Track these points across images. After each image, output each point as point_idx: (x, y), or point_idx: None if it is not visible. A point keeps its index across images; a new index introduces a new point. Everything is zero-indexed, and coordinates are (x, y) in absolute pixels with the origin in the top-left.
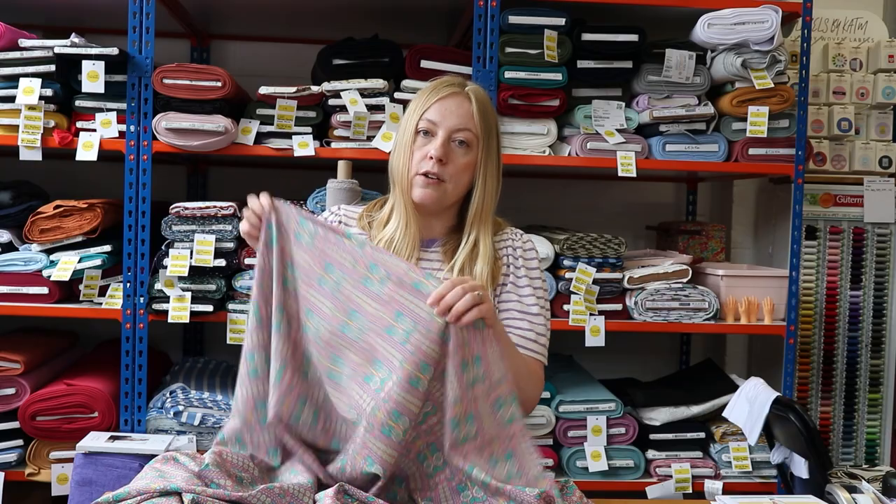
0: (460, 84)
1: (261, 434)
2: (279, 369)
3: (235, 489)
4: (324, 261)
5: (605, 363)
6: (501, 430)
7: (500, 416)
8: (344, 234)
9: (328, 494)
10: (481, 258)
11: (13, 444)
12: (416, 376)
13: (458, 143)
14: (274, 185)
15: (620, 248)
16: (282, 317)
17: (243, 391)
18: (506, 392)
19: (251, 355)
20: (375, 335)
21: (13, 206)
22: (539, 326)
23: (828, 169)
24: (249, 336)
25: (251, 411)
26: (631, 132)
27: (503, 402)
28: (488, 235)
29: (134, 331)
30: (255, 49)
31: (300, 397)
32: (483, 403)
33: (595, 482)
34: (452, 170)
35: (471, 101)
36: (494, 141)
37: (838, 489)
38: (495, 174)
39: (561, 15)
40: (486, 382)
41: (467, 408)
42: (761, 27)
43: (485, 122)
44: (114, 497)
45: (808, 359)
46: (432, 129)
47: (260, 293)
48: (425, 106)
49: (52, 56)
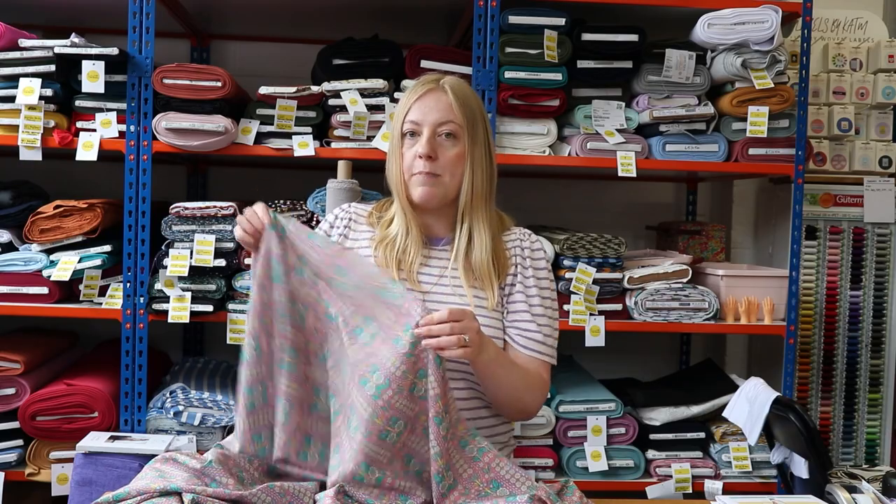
0: (435, 80)
1: (258, 462)
2: (287, 410)
3: (236, 487)
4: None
5: (605, 363)
6: (475, 466)
7: (468, 454)
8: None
9: (328, 495)
10: (478, 248)
11: (13, 444)
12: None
13: (445, 136)
14: (274, 184)
15: (620, 248)
16: (295, 356)
17: (241, 424)
18: (464, 430)
19: (249, 389)
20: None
21: (13, 206)
22: (546, 328)
23: (828, 169)
24: (248, 369)
25: (248, 443)
26: (631, 132)
27: (466, 441)
28: (484, 225)
29: (134, 331)
30: (255, 49)
31: (306, 436)
32: (453, 450)
33: (595, 482)
34: (444, 163)
35: (448, 94)
36: (480, 128)
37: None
38: (483, 162)
39: (561, 15)
40: (447, 422)
41: (447, 460)
42: (761, 27)
43: (466, 111)
44: (114, 497)
45: (808, 359)
46: (416, 129)
47: (261, 327)
48: (406, 108)
49: (52, 56)
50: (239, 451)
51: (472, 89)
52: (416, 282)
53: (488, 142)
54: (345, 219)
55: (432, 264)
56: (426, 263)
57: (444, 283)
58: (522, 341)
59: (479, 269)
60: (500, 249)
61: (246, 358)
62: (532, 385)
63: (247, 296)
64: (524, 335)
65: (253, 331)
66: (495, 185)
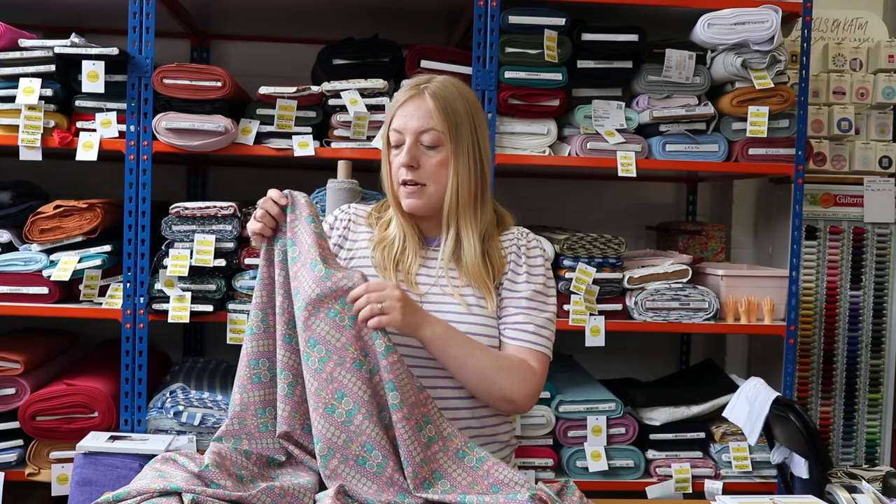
0: (417, 86)
1: (260, 440)
2: (290, 383)
3: (236, 488)
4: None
5: (605, 363)
6: (475, 475)
7: (467, 464)
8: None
9: (328, 495)
10: (468, 251)
11: (13, 444)
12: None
13: (426, 145)
14: (274, 185)
15: (620, 248)
16: (294, 329)
17: (244, 396)
18: (461, 443)
19: (255, 361)
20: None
21: (13, 206)
22: (537, 319)
23: (828, 169)
24: (253, 342)
25: (252, 417)
26: (631, 132)
27: (464, 453)
28: (473, 227)
29: (134, 331)
30: (255, 49)
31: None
32: (445, 460)
33: (595, 482)
34: (427, 171)
35: (428, 100)
36: (466, 131)
37: (838, 489)
38: (470, 165)
39: (561, 15)
40: (404, 409)
41: (432, 467)
42: (761, 27)
43: (448, 116)
44: (114, 497)
45: (808, 359)
46: (399, 138)
47: (268, 302)
48: (391, 116)
49: (52, 56)
50: (238, 424)
51: (459, 90)
52: (414, 283)
53: (477, 143)
54: (344, 220)
55: (430, 265)
56: (424, 265)
57: (442, 283)
58: (511, 333)
59: (472, 272)
60: (494, 250)
61: (252, 330)
62: (508, 369)
63: (247, 296)
64: (512, 327)
65: (260, 304)
66: (488, 185)
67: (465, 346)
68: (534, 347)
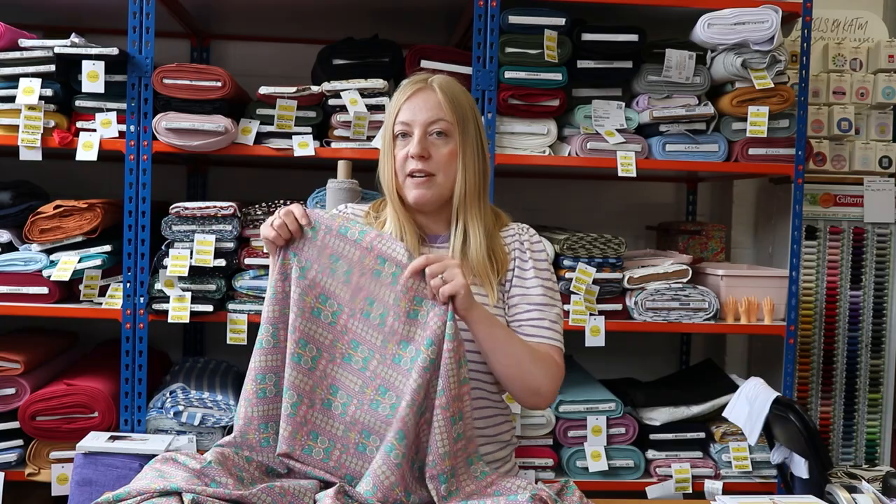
0: (423, 79)
1: (262, 454)
2: (294, 403)
3: (237, 487)
4: (364, 295)
5: (605, 363)
6: (478, 484)
7: (472, 473)
8: (377, 260)
9: (328, 494)
10: (474, 246)
11: (13, 444)
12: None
13: (437, 135)
14: (274, 184)
15: (620, 248)
16: (305, 348)
17: (248, 410)
18: (474, 449)
19: (262, 376)
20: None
21: (13, 206)
22: (551, 314)
23: (828, 169)
24: (262, 357)
25: (254, 432)
26: (631, 132)
27: (472, 461)
28: (479, 222)
29: (134, 331)
30: (255, 49)
31: (312, 432)
32: (462, 461)
33: (595, 482)
34: (437, 161)
35: (437, 92)
36: (471, 125)
37: (838, 489)
38: (475, 158)
39: (561, 15)
40: (459, 426)
41: (451, 463)
42: (761, 27)
43: (456, 108)
44: (114, 497)
45: (808, 359)
46: (407, 129)
47: (280, 318)
48: (396, 109)
49: (52, 56)
50: (240, 437)
51: (461, 87)
52: None
53: (480, 138)
54: None
55: None
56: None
57: None
58: (530, 330)
59: (477, 267)
60: (497, 246)
61: (262, 345)
62: (542, 362)
63: (247, 296)
64: (529, 324)
65: (272, 319)
66: (489, 181)
67: (507, 329)
68: (554, 343)
